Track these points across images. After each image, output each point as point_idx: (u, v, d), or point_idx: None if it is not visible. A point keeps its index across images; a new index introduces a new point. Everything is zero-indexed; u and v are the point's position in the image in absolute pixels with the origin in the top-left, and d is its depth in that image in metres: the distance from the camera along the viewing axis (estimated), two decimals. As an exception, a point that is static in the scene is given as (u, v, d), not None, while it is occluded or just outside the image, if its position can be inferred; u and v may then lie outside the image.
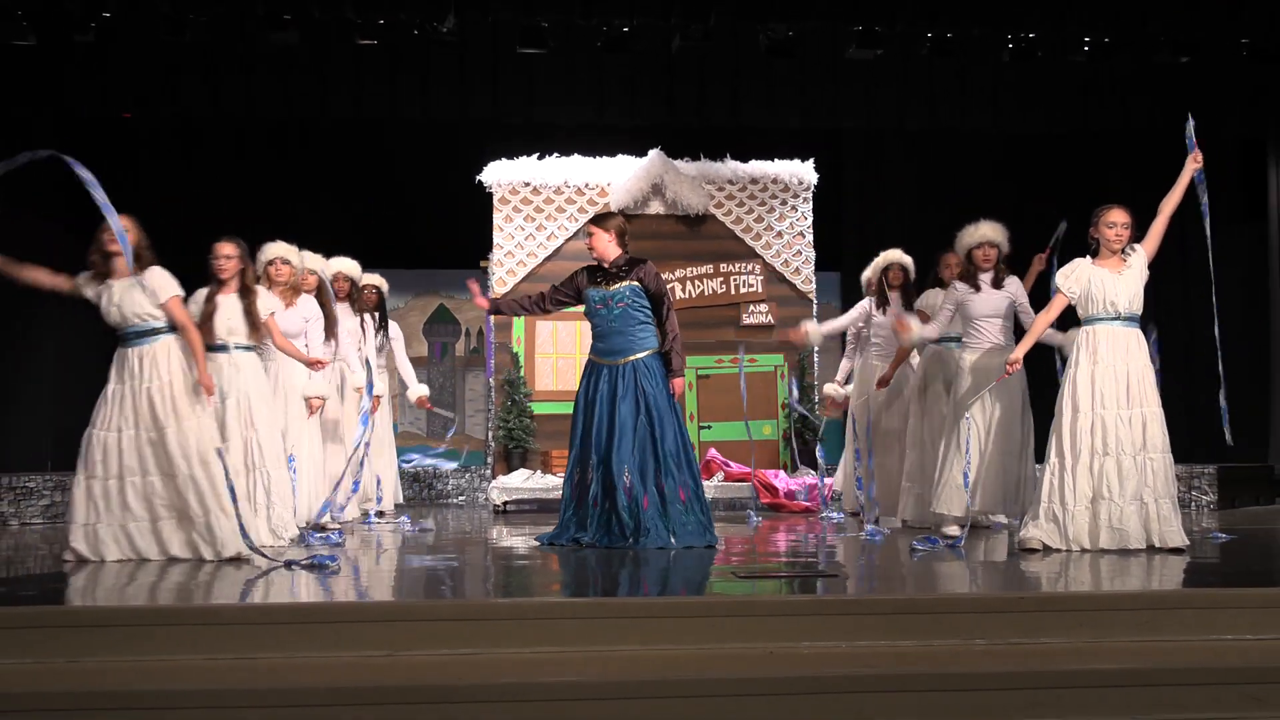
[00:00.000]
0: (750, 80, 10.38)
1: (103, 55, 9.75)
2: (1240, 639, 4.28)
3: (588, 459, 6.51)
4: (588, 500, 6.50)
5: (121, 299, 5.82)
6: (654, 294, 6.55)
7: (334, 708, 3.69)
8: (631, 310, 6.51)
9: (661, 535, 6.32)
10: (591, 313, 6.63)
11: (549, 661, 4.01)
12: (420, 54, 9.90)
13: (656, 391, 6.46)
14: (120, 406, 5.78)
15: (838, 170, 12.28)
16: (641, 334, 6.53)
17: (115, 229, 5.58)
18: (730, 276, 10.41)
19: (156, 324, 5.84)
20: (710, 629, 4.18)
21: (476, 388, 12.63)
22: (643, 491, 6.37)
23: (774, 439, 10.28)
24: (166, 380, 5.79)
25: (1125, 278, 6.07)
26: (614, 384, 6.47)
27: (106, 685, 3.76)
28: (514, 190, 10.35)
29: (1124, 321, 6.05)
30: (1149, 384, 6.02)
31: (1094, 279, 6.06)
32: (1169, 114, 10.71)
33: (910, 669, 3.95)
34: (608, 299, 6.52)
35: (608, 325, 6.54)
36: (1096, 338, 6.04)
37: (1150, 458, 5.93)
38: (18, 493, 8.35)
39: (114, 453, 5.74)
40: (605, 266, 6.59)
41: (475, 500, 11.24)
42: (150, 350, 5.83)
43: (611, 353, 6.54)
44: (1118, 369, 5.98)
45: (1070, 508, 5.94)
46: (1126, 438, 5.92)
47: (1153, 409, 5.98)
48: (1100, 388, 5.96)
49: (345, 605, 4.51)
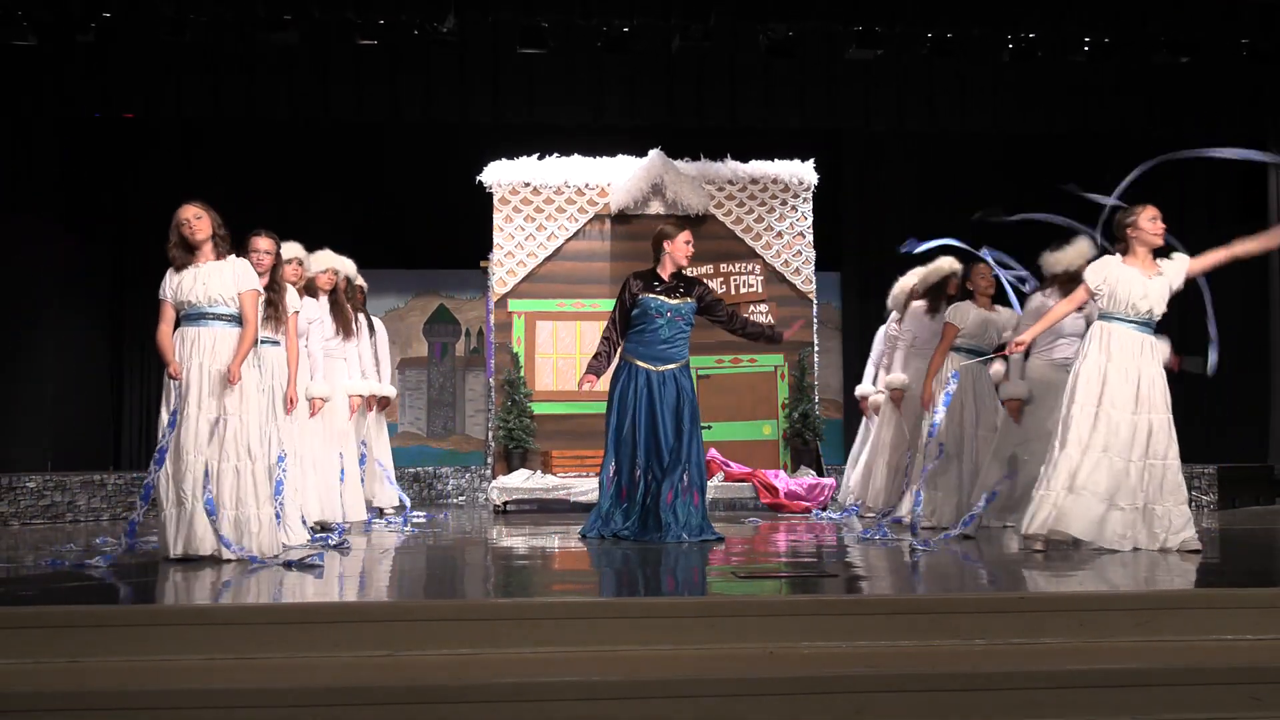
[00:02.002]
0: (750, 80, 10.39)
1: (103, 55, 9.76)
2: (1240, 639, 4.27)
3: (632, 456, 6.91)
4: (634, 496, 6.91)
5: (210, 276, 5.81)
6: (709, 304, 7.14)
7: (334, 708, 3.69)
8: (683, 325, 7.04)
9: (679, 531, 6.70)
10: (645, 319, 6.98)
11: (549, 661, 4.02)
12: (420, 54, 9.91)
13: (691, 400, 6.97)
14: (186, 386, 5.75)
15: (837, 170, 12.29)
16: (684, 345, 7.07)
17: None
18: (730, 276, 10.40)
19: (234, 310, 5.85)
20: (711, 629, 4.18)
21: (476, 388, 12.64)
22: (670, 491, 6.75)
23: (774, 439, 10.28)
24: (241, 364, 5.79)
25: (1155, 282, 5.99)
26: (654, 388, 6.92)
27: (106, 685, 3.76)
28: (514, 190, 10.34)
29: (1140, 326, 5.99)
30: (1159, 390, 5.95)
31: (1123, 278, 5.99)
32: (1168, 114, 10.74)
33: (911, 669, 3.95)
34: (667, 311, 6.98)
35: (659, 334, 6.97)
36: (1111, 336, 5.98)
37: (1151, 464, 5.90)
38: (18, 493, 8.35)
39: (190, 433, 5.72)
40: (664, 277, 7.03)
41: (475, 500, 11.24)
42: (226, 333, 5.82)
43: (656, 359, 6.97)
44: (1129, 370, 5.92)
45: (1063, 492, 5.91)
46: (1128, 441, 5.87)
47: (1160, 416, 5.93)
48: (1110, 386, 5.91)
49: (345, 605, 4.51)
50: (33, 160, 10.98)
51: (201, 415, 5.72)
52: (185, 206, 5.87)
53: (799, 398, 10.24)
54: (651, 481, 6.85)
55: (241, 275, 5.88)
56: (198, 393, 5.73)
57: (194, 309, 5.81)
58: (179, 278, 5.86)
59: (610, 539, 6.87)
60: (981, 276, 7.67)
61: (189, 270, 5.85)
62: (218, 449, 5.72)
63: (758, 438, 10.27)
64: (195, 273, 5.83)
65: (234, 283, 5.84)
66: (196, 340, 5.79)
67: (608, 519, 6.97)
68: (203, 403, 5.73)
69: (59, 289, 11.22)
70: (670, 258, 7.05)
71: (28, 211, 10.82)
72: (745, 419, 10.30)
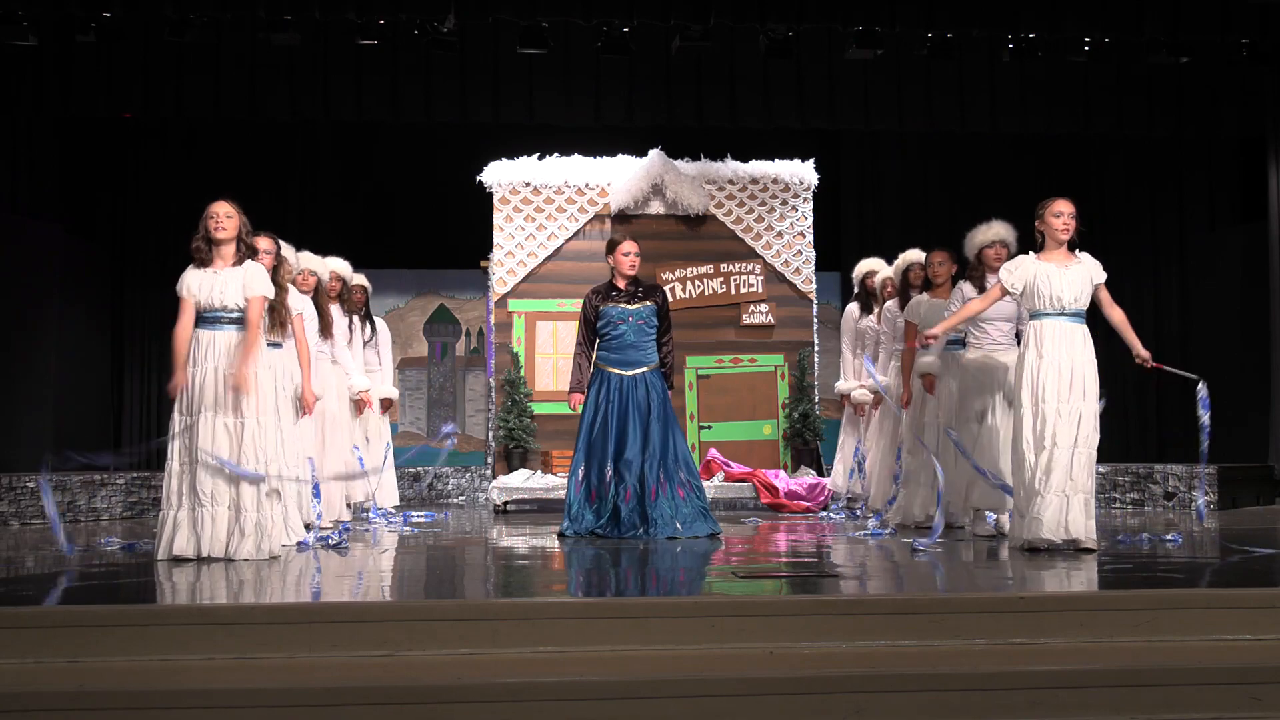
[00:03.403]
0: (750, 80, 10.38)
1: (104, 56, 9.75)
2: (1240, 639, 4.28)
3: (601, 457, 7.18)
4: (602, 495, 7.16)
5: (227, 283, 5.81)
6: (664, 316, 7.40)
7: (334, 708, 3.70)
8: (646, 328, 7.32)
9: (669, 526, 7.01)
10: (610, 327, 7.32)
11: (550, 661, 4.02)
12: (420, 54, 9.90)
13: (663, 399, 7.28)
14: (200, 389, 5.76)
15: (836, 170, 12.29)
16: (651, 349, 7.35)
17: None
18: (730, 276, 10.41)
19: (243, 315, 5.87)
20: (711, 629, 4.18)
21: (477, 388, 12.64)
22: (652, 487, 7.07)
23: (774, 439, 10.29)
24: (251, 371, 5.79)
25: (1072, 273, 6.05)
26: (625, 391, 7.24)
27: (106, 685, 3.77)
28: (514, 190, 10.35)
29: (1070, 317, 6.04)
30: (1090, 379, 6.01)
31: (1039, 274, 6.06)
32: (1168, 114, 10.73)
33: (911, 669, 3.95)
34: (629, 316, 7.30)
35: (624, 340, 7.30)
36: (1043, 332, 6.04)
37: (1078, 451, 5.95)
38: (18, 493, 8.35)
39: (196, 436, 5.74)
40: (621, 287, 7.36)
41: (475, 500, 11.24)
42: (241, 339, 5.82)
43: (625, 364, 7.29)
44: (1061, 363, 5.98)
45: (1029, 500, 5.97)
46: (1065, 431, 5.93)
47: (1090, 404, 5.99)
48: (1043, 381, 5.97)
49: (345, 605, 4.52)
50: (33, 160, 10.98)
51: (218, 418, 5.72)
52: (219, 202, 5.87)
53: (799, 398, 10.25)
54: (622, 482, 7.11)
55: (252, 280, 5.87)
56: (214, 396, 5.73)
57: (210, 313, 5.82)
58: (199, 277, 5.85)
59: (590, 537, 7.06)
60: (941, 265, 7.64)
61: (208, 271, 5.84)
62: (236, 452, 5.73)
63: (758, 438, 10.27)
64: (214, 278, 5.83)
65: (243, 287, 5.84)
66: (212, 343, 5.80)
67: (578, 519, 7.20)
68: (219, 406, 5.73)
69: (59, 288, 11.21)
70: (615, 269, 7.39)
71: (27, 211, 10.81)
72: (745, 419, 10.30)
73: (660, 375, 7.36)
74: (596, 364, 7.38)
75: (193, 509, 5.69)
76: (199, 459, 5.68)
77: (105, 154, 12.07)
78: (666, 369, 7.43)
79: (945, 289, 7.56)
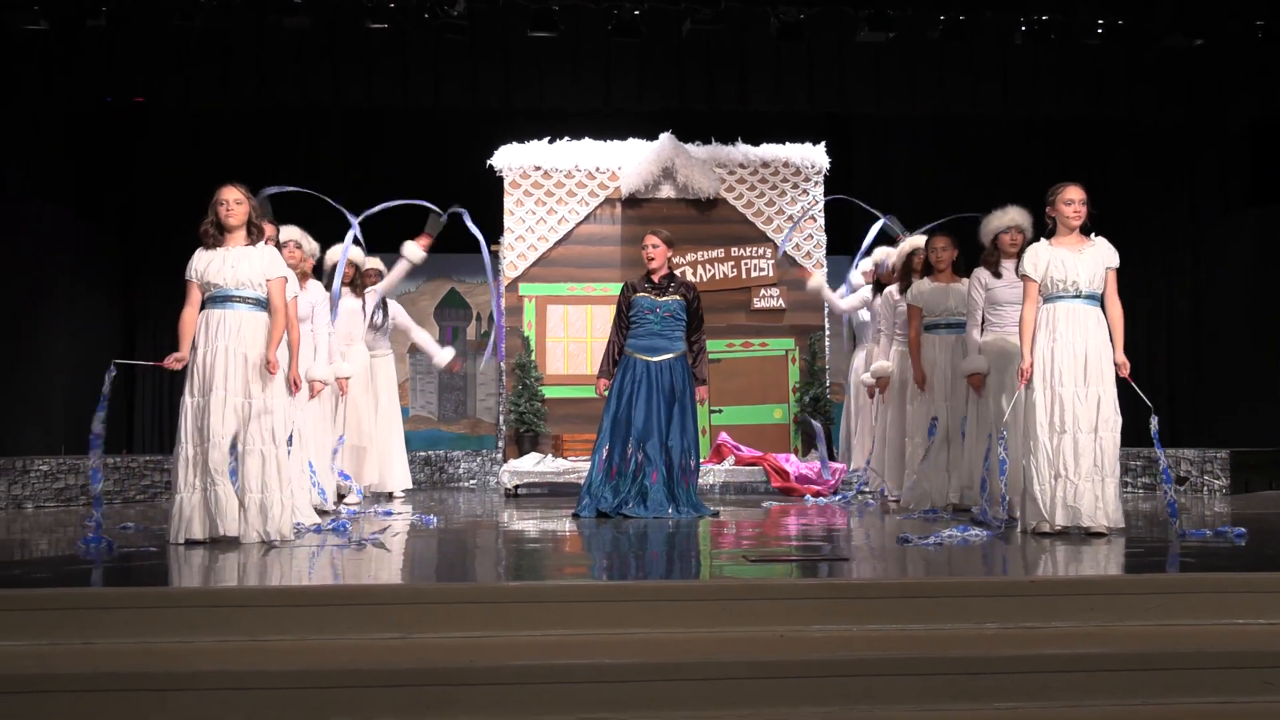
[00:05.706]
0: (760, 63, 10.35)
1: (114, 40, 9.75)
2: (1252, 623, 4.27)
3: (624, 439, 7.46)
4: (623, 473, 7.43)
5: (239, 261, 5.81)
6: (694, 314, 7.69)
7: (346, 689, 3.71)
8: (673, 320, 7.62)
9: (691, 505, 7.42)
10: (639, 315, 7.62)
11: (561, 644, 4.03)
12: (430, 38, 9.88)
13: (685, 388, 7.56)
14: (210, 369, 5.76)
15: (847, 154, 12.25)
16: (677, 339, 7.65)
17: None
18: (741, 260, 10.40)
19: (261, 294, 5.86)
20: (722, 612, 4.19)
21: (488, 371, 12.64)
22: (669, 470, 7.42)
23: (784, 423, 10.28)
24: (261, 352, 5.80)
25: (1086, 256, 6.06)
26: (651, 377, 7.53)
27: (119, 667, 3.78)
28: (525, 174, 10.34)
29: (1085, 300, 6.04)
30: (1106, 362, 6.01)
31: (1053, 259, 6.07)
32: (1180, 98, 10.67)
33: (922, 653, 3.96)
34: (657, 307, 7.60)
35: (650, 328, 7.60)
36: (1056, 315, 6.04)
37: (1101, 435, 5.95)
38: (31, 475, 8.38)
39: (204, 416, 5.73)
40: (655, 279, 7.66)
41: (486, 484, 11.26)
42: (252, 318, 5.83)
43: (652, 350, 7.59)
44: (1076, 346, 5.98)
45: (1042, 484, 5.97)
46: (1084, 415, 5.93)
47: (1108, 387, 5.99)
48: (1058, 365, 5.97)
49: (357, 588, 4.53)
50: (42, 145, 10.99)
51: (229, 398, 5.72)
52: (228, 188, 5.86)
53: (810, 381, 10.24)
54: (644, 461, 7.41)
55: (271, 262, 5.89)
56: (224, 375, 5.73)
57: (220, 291, 5.81)
58: (208, 258, 5.85)
59: (605, 516, 7.29)
60: (943, 250, 7.63)
61: (219, 251, 5.85)
62: (243, 433, 5.74)
63: (768, 421, 10.27)
64: (225, 255, 5.83)
65: (263, 269, 5.85)
66: (222, 322, 5.79)
67: (597, 496, 7.44)
68: (229, 385, 5.73)
69: (69, 274, 11.24)
70: (645, 261, 7.69)
71: (37, 197, 10.83)
72: (756, 403, 10.30)
73: (684, 363, 7.61)
74: (626, 351, 7.65)
75: (205, 489, 5.70)
76: (209, 439, 5.69)
77: (115, 138, 12.08)
78: (695, 364, 7.69)
79: (947, 274, 7.59)
